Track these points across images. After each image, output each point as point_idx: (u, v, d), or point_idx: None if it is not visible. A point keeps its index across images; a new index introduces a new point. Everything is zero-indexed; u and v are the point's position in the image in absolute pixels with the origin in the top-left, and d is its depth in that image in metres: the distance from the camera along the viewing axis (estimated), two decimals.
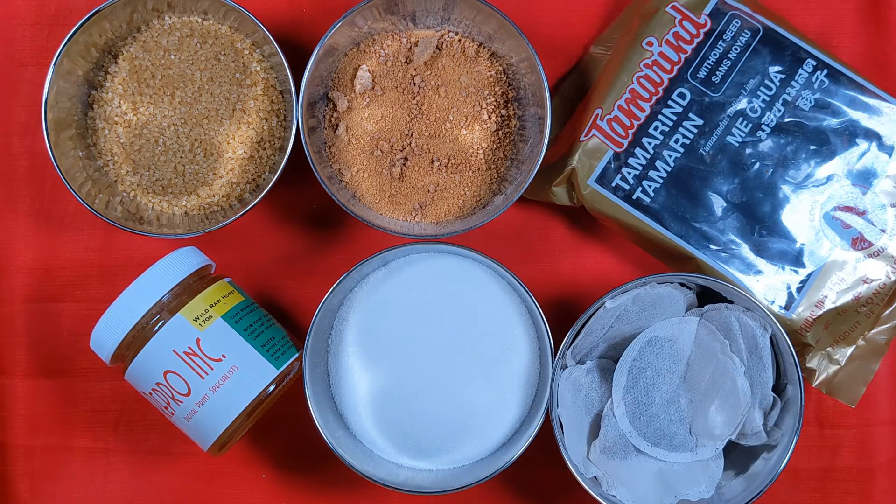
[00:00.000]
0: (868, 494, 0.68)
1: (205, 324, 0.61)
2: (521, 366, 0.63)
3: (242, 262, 0.68)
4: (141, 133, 0.65)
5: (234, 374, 0.61)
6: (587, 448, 0.62)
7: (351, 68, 0.65)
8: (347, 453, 0.61)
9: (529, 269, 0.68)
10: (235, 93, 0.65)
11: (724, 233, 0.64)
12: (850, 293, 0.64)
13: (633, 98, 0.65)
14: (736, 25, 0.65)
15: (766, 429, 0.61)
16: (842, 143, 0.65)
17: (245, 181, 0.66)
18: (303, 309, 0.69)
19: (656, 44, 0.65)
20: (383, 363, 0.62)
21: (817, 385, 0.65)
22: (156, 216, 0.66)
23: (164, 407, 0.62)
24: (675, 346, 0.61)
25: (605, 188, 0.65)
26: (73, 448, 0.68)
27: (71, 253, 0.69)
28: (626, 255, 0.69)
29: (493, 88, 0.65)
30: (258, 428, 0.67)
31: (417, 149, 0.65)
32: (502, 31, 0.63)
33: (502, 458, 0.61)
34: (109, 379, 0.68)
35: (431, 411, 0.62)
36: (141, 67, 0.65)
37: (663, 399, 0.61)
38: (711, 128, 0.64)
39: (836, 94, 0.65)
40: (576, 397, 0.62)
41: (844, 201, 0.65)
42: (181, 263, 0.62)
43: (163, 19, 0.65)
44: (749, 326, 0.61)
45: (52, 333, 0.68)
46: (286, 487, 0.68)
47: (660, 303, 0.62)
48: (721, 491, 0.62)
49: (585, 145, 0.65)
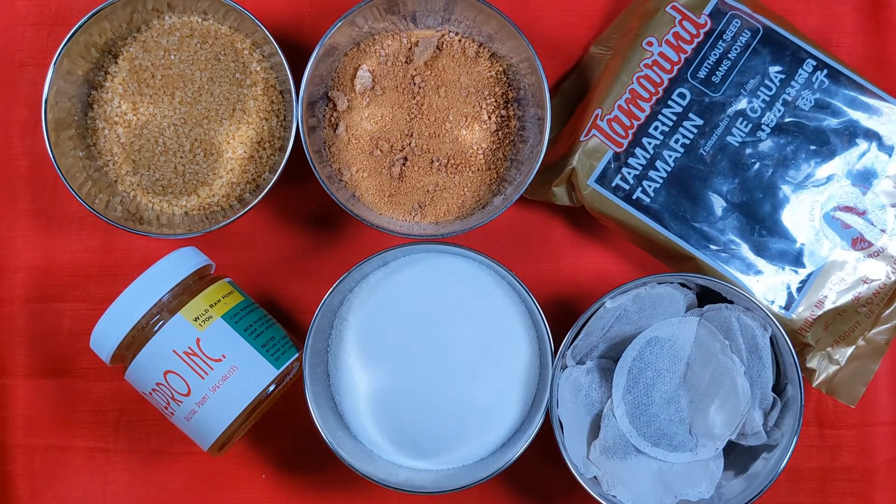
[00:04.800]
0: (868, 494, 0.68)
1: (205, 324, 0.61)
2: (521, 366, 0.63)
3: (242, 262, 0.68)
4: (141, 133, 0.65)
5: (234, 374, 0.61)
6: (587, 448, 0.62)
7: (351, 68, 0.65)
8: (347, 453, 0.61)
9: (529, 269, 0.68)
10: (235, 93, 0.65)
11: (724, 233, 0.64)
12: (850, 293, 0.64)
13: (633, 98, 0.65)
14: (736, 25, 0.65)
15: (766, 429, 0.61)
16: (842, 143, 0.65)
17: (245, 181, 0.66)
18: (303, 309, 0.69)
19: (656, 44, 0.65)
20: (383, 363, 0.62)
21: (817, 385, 0.65)
22: (156, 216, 0.66)
23: (164, 407, 0.62)
24: (675, 346, 0.61)
25: (605, 188, 0.65)
26: (73, 448, 0.68)
27: (71, 253, 0.69)
28: (626, 255, 0.69)
29: (493, 89, 0.65)
30: (258, 428, 0.67)
31: (417, 149, 0.65)
32: (503, 32, 0.63)
33: (502, 458, 0.61)
34: (109, 379, 0.68)
35: (431, 411, 0.62)
36: (141, 67, 0.65)
37: (663, 399, 0.61)
38: (711, 128, 0.64)
39: (836, 94, 0.65)
40: (576, 397, 0.62)
41: (844, 201, 0.65)
42: (181, 263, 0.62)
43: (163, 19, 0.65)
44: (749, 326, 0.61)
45: (52, 333, 0.68)
46: (286, 487, 0.68)
47: (660, 303, 0.62)
48: (721, 491, 0.62)
49: (585, 145, 0.65)
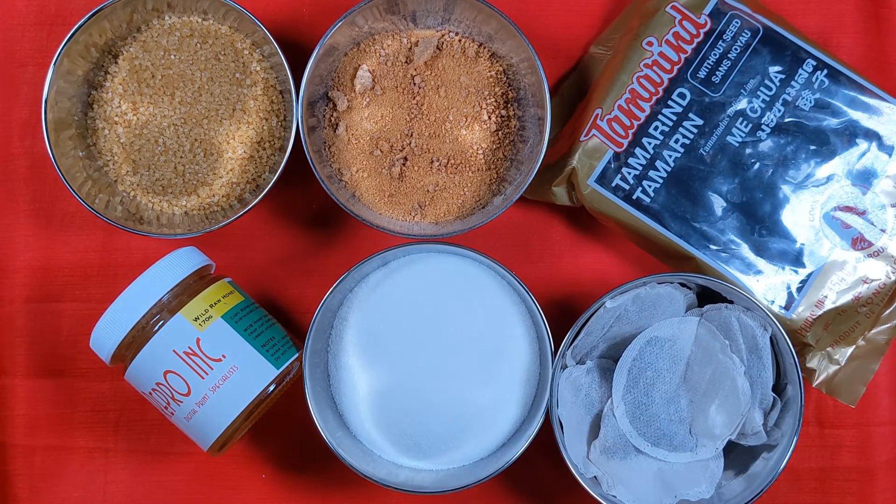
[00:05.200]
0: (868, 494, 0.68)
1: (205, 324, 0.61)
2: (521, 366, 0.63)
3: (242, 262, 0.68)
4: (141, 133, 0.65)
5: (234, 374, 0.61)
6: (587, 448, 0.62)
7: (351, 68, 0.65)
8: (347, 453, 0.61)
9: (529, 269, 0.68)
10: (235, 93, 0.65)
11: (724, 233, 0.64)
12: (850, 293, 0.64)
13: (633, 98, 0.65)
14: (736, 25, 0.65)
15: (766, 429, 0.61)
16: (842, 143, 0.65)
17: (245, 181, 0.66)
18: (303, 309, 0.69)
19: (656, 44, 0.65)
20: (383, 363, 0.62)
21: (817, 385, 0.65)
22: (156, 216, 0.66)
23: (164, 407, 0.62)
24: (675, 346, 0.61)
25: (605, 188, 0.65)
26: (73, 448, 0.68)
27: (71, 253, 0.68)
28: (626, 255, 0.69)
29: (493, 89, 0.65)
30: (258, 428, 0.67)
31: (417, 149, 0.65)
32: (503, 32, 0.63)
33: (502, 458, 0.61)
34: (109, 379, 0.68)
35: (431, 411, 0.62)
36: (141, 67, 0.65)
37: (663, 399, 0.61)
38: (711, 128, 0.64)
39: (836, 94, 0.65)
40: (576, 397, 0.62)
41: (844, 201, 0.65)
42: (181, 263, 0.62)
43: (163, 19, 0.65)
44: (749, 326, 0.61)
45: (52, 333, 0.68)
46: (286, 487, 0.68)
47: (660, 303, 0.62)
48: (721, 491, 0.62)
49: (585, 145, 0.65)
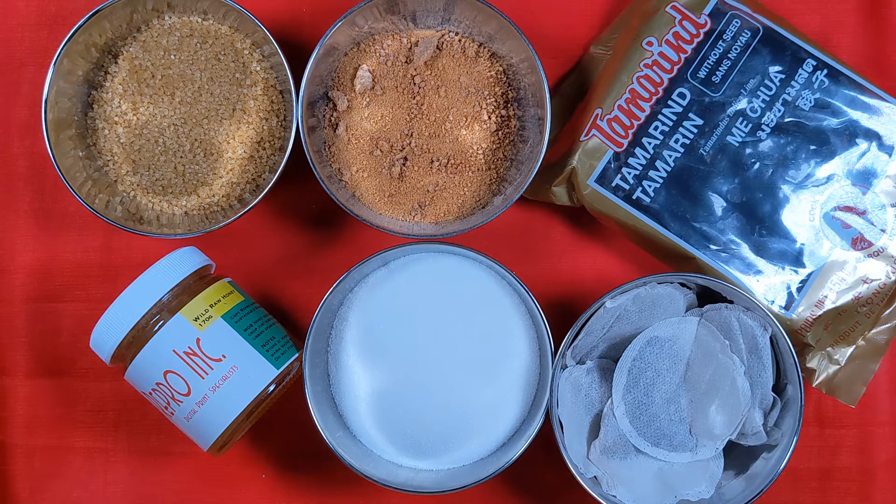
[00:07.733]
0: (868, 494, 0.68)
1: (205, 324, 0.61)
2: (521, 366, 0.63)
3: (242, 262, 0.68)
4: (141, 133, 0.65)
5: (234, 374, 0.61)
6: (587, 448, 0.62)
7: (351, 68, 0.65)
8: (347, 453, 0.61)
9: (529, 269, 0.68)
10: (235, 93, 0.65)
11: (724, 233, 0.64)
12: (850, 293, 0.64)
13: (633, 98, 0.65)
14: (736, 25, 0.65)
15: (766, 429, 0.61)
16: (842, 143, 0.65)
17: (245, 181, 0.66)
18: (303, 309, 0.69)
19: (656, 44, 0.65)
20: (383, 363, 0.62)
21: (817, 385, 0.65)
22: (156, 216, 0.66)
23: (164, 407, 0.62)
24: (675, 346, 0.61)
25: (605, 188, 0.65)
26: (73, 448, 0.68)
27: (71, 253, 0.68)
28: (626, 255, 0.69)
29: (493, 89, 0.65)
30: (258, 428, 0.67)
31: (417, 149, 0.65)
32: (503, 32, 0.63)
33: (502, 458, 0.61)
34: (109, 379, 0.68)
35: (431, 411, 0.62)
36: (141, 67, 0.65)
37: (663, 399, 0.61)
38: (711, 128, 0.64)
39: (836, 94, 0.65)
40: (576, 397, 0.62)
41: (844, 201, 0.65)
42: (181, 263, 0.62)
43: (163, 19, 0.65)
44: (749, 326, 0.61)
45: (52, 333, 0.68)
46: (286, 487, 0.68)
47: (660, 303, 0.62)
48: (721, 491, 0.62)
49: (585, 145, 0.65)
